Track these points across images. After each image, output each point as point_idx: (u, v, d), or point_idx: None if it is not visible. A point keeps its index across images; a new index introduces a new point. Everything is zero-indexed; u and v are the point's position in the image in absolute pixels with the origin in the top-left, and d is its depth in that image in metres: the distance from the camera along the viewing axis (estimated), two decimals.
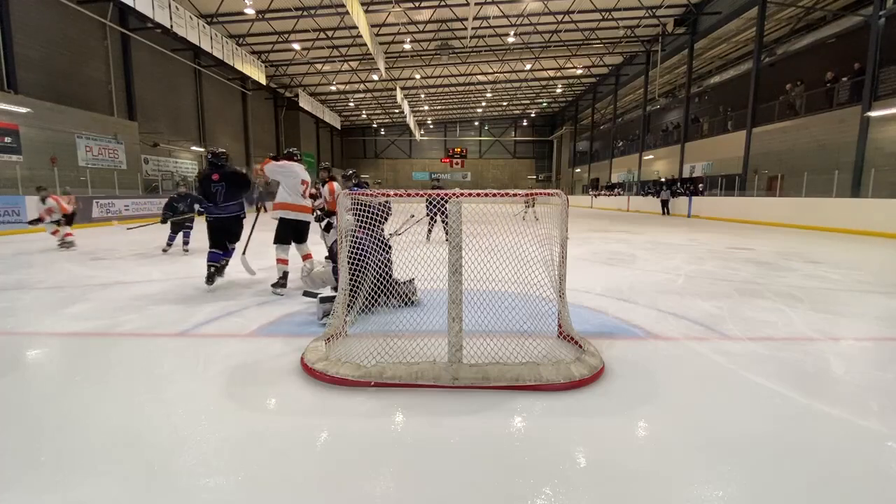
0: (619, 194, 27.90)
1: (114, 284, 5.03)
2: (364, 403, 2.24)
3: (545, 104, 41.71)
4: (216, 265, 4.68)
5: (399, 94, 28.88)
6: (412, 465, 1.77)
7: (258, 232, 5.30)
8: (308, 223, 4.86)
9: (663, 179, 23.27)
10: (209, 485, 1.62)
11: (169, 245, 7.72)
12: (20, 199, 11.41)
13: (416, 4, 20.03)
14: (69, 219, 8.28)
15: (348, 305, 3.17)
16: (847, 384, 2.52)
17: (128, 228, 9.72)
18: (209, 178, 4.60)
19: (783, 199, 15.14)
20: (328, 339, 2.89)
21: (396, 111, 37.93)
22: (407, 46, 24.31)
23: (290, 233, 4.72)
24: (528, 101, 40.49)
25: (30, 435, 1.96)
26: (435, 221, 8.44)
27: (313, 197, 5.20)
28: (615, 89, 31.12)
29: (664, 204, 20.62)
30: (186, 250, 7.78)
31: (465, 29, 21.18)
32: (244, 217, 4.95)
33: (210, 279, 4.63)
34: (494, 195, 2.79)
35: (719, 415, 2.15)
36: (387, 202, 3.80)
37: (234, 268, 6.18)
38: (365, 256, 3.26)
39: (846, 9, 16.11)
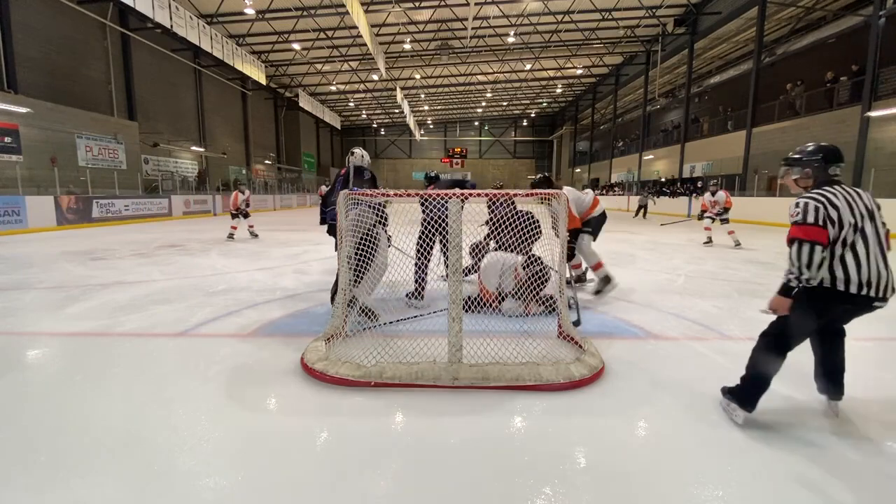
0: (619, 194, 27.88)
1: (113, 284, 5.03)
2: (364, 403, 2.24)
3: (545, 104, 41.69)
4: None
5: (399, 94, 28.86)
6: (412, 465, 1.77)
7: (256, 233, 5.26)
8: None
9: (664, 179, 23.12)
10: (209, 485, 1.62)
11: None
12: (20, 199, 11.39)
13: (416, 4, 20.02)
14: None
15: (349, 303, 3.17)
16: (847, 384, 2.51)
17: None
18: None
19: (783, 198, 15.13)
20: (328, 339, 2.89)
21: (396, 111, 37.91)
22: (407, 46, 24.30)
23: None
24: (528, 101, 40.47)
25: (29, 435, 1.96)
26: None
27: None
28: (615, 89, 31.10)
29: (642, 209, 18.37)
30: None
31: (465, 29, 21.17)
32: None
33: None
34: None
35: (719, 415, 2.15)
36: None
37: (234, 268, 6.18)
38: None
39: (846, 9, 16.10)
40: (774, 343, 1.97)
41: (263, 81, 22.60)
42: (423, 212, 3.57)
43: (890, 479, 1.69)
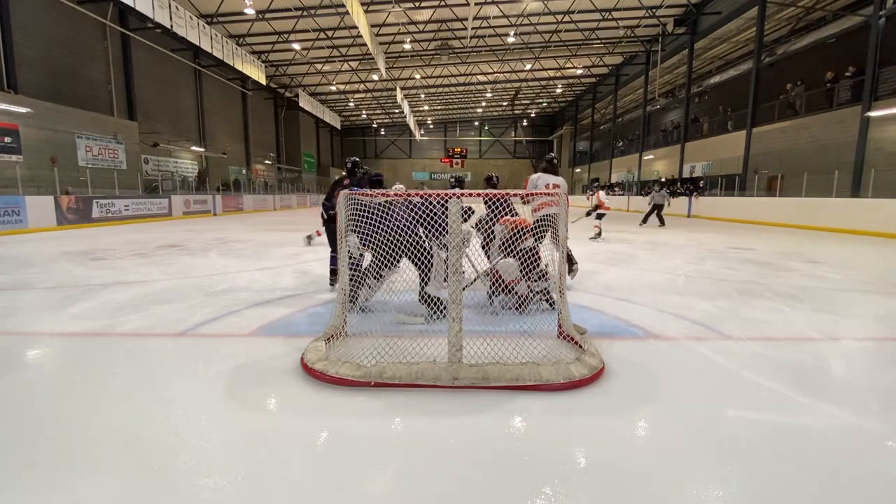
0: (620, 194, 27.88)
1: (114, 284, 5.03)
2: (364, 403, 2.24)
3: (545, 104, 41.68)
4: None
5: (399, 94, 28.87)
6: (412, 465, 1.77)
7: (256, 233, 5.28)
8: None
9: (664, 179, 22.88)
10: (209, 485, 1.62)
11: None
12: (20, 199, 11.39)
13: (416, 4, 20.02)
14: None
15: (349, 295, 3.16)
16: (847, 384, 2.52)
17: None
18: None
19: (783, 199, 15.13)
20: (328, 339, 2.89)
21: (396, 111, 37.92)
22: (407, 46, 24.30)
23: None
24: (528, 101, 40.47)
25: (30, 435, 1.96)
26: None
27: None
28: (615, 89, 31.10)
29: (656, 210, 13.22)
30: None
31: (465, 29, 21.17)
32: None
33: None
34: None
35: (719, 415, 2.15)
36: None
37: (234, 268, 6.19)
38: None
39: (846, 9, 16.10)
40: None
41: (263, 81, 22.61)
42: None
43: (890, 480, 1.69)
